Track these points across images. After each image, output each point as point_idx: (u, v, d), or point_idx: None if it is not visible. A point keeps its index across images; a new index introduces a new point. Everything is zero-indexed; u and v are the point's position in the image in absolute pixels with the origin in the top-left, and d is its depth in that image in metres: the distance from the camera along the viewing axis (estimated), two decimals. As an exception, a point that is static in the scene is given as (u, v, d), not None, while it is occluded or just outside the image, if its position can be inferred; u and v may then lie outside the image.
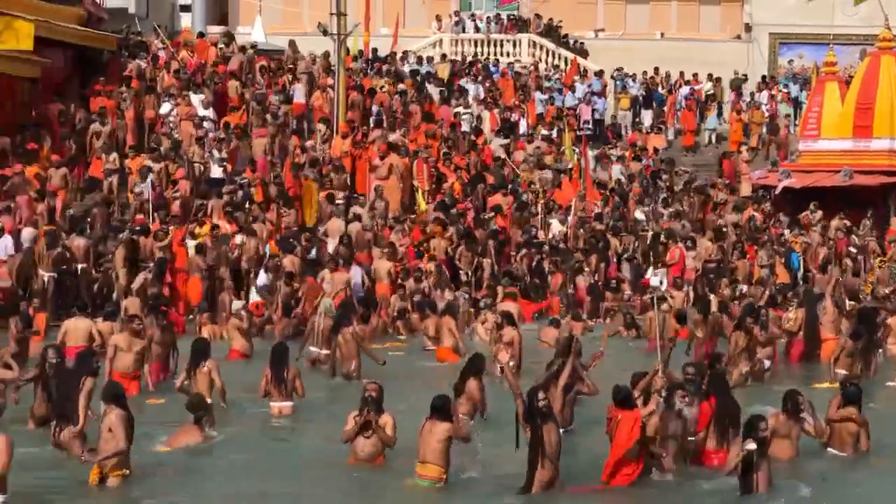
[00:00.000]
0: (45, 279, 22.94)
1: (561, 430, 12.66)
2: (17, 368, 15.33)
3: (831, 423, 14.00)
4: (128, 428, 12.28)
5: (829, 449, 14.00)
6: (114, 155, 27.42)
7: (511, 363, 18.00)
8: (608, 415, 12.77)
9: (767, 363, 19.21)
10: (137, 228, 24.52)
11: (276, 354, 15.92)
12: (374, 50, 37.64)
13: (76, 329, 18.62)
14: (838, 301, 21.77)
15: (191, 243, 24.58)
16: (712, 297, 22.86)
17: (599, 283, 26.58)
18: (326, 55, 33.96)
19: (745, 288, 25.81)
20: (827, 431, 13.93)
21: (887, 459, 13.96)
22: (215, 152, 28.53)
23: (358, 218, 27.00)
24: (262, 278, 23.82)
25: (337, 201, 27.69)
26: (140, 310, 19.57)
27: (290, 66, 33.95)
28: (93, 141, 28.00)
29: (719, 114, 39.82)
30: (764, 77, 41.47)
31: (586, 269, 26.81)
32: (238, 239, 25.16)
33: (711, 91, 40.36)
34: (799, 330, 21.07)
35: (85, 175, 27.50)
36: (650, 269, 27.26)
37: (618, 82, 40.39)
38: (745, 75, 41.58)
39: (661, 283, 17.30)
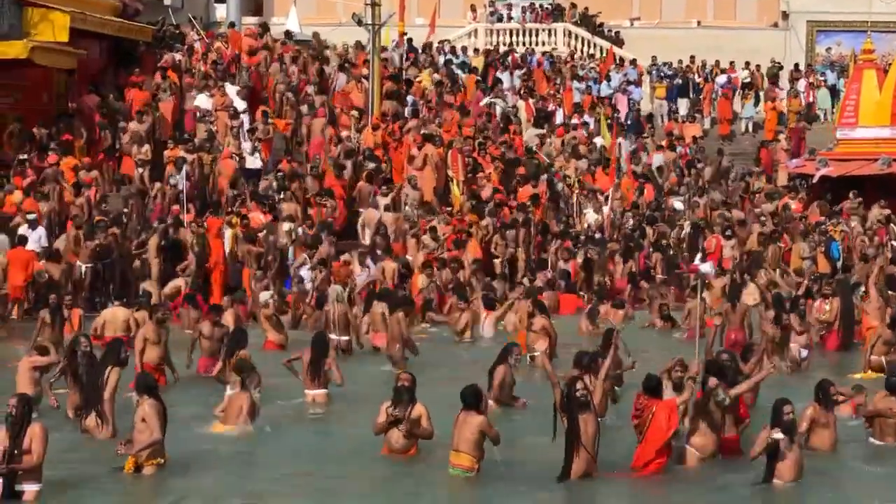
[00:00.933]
0: (83, 270, 23.06)
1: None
2: (54, 353, 15.43)
3: (872, 414, 13.93)
4: (161, 418, 12.32)
5: (870, 439, 13.94)
6: (146, 147, 27.45)
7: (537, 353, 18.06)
8: (637, 404, 12.69)
9: (805, 352, 19.05)
10: (171, 220, 24.67)
11: (318, 344, 15.93)
12: (409, 40, 37.55)
13: (114, 319, 18.71)
14: (882, 289, 21.51)
15: (227, 233, 24.67)
16: (752, 285, 22.68)
17: (637, 273, 26.54)
18: (358, 45, 33.90)
19: (777, 275, 25.53)
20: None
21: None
22: (249, 143, 28.55)
23: (388, 208, 26.95)
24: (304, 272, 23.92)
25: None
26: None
27: (315, 56, 33.92)
28: (122, 136, 27.95)
29: (756, 102, 39.56)
30: (797, 65, 41.15)
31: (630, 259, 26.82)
32: (286, 226, 25.19)
33: (748, 79, 40.10)
34: (835, 319, 20.89)
35: (119, 168, 27.60)
36: (698, 256, 26.97)
37: (653, 71, 40.19)
38: (780, 64, 41.27)
39: (711, 269, 17.33)
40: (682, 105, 39.29)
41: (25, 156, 25.88)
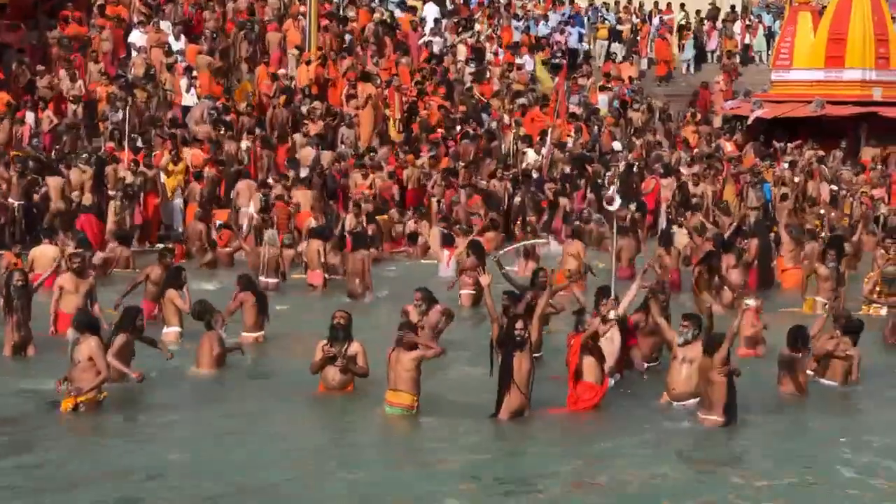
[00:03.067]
0: (15, 207, 22.76)
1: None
2: None
3: (825, 355, 14.12)
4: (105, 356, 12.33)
5: (821, 380, 14.11)
6: (79, 82, 27.07)
7: (465, 291, 18.25)
8: (568, 343, 12.89)
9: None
10: (105, 156, 24.42)
11: (252, 287, 15.96)
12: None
13: (43, 255, 18.52)
14: (792, 231, 21.66)
15: (162, 174, 24.46)
16: (681, 227, 22.85)
17: (572, 212, 26.67)
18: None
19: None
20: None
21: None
22: (185, 80, 28.28)
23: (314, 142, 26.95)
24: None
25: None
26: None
27: None
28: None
29: (695, 44, 39.69)
30: (733, 7, 41.35)
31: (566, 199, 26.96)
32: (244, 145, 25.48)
33: (684, 21, 40.22)
34: (754, 259, 21.06)
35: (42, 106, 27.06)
36: (612, 187, 27.02)
37: (591, 13, 40.16)
38: (718, 7, 41.44)
39: (618, 198, 17.24)
40: (618, 46, 39.33)
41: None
